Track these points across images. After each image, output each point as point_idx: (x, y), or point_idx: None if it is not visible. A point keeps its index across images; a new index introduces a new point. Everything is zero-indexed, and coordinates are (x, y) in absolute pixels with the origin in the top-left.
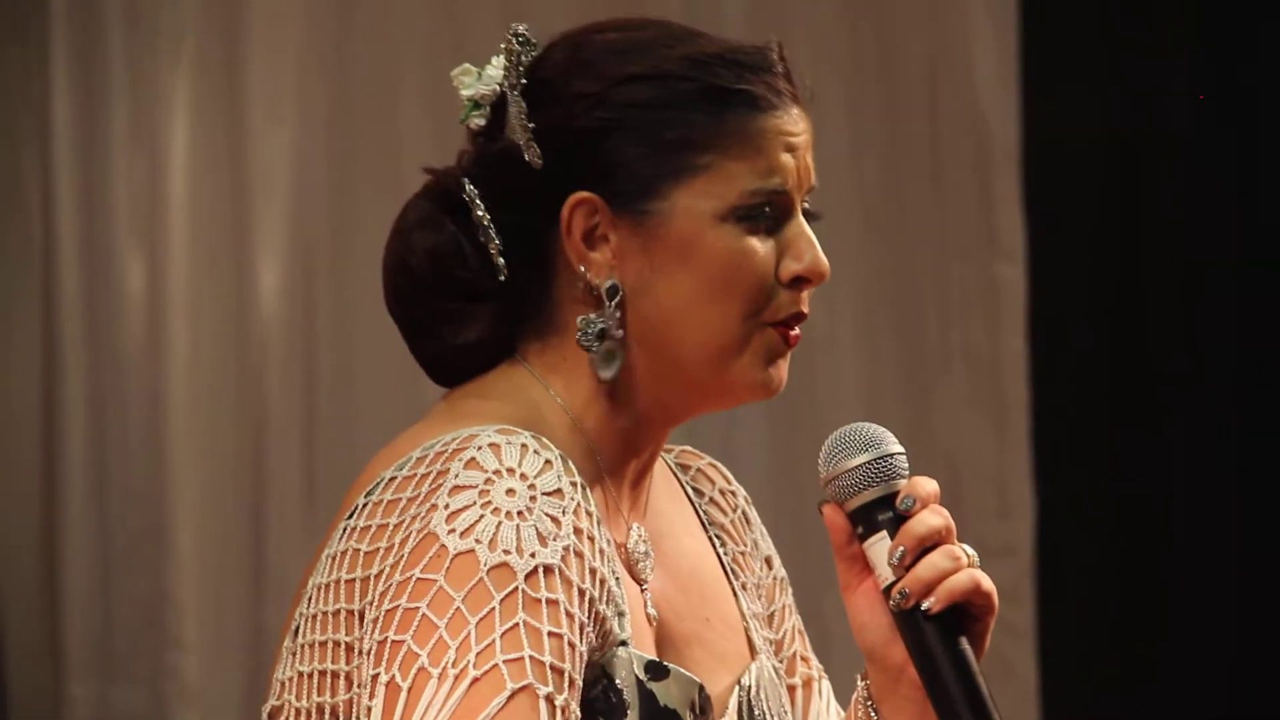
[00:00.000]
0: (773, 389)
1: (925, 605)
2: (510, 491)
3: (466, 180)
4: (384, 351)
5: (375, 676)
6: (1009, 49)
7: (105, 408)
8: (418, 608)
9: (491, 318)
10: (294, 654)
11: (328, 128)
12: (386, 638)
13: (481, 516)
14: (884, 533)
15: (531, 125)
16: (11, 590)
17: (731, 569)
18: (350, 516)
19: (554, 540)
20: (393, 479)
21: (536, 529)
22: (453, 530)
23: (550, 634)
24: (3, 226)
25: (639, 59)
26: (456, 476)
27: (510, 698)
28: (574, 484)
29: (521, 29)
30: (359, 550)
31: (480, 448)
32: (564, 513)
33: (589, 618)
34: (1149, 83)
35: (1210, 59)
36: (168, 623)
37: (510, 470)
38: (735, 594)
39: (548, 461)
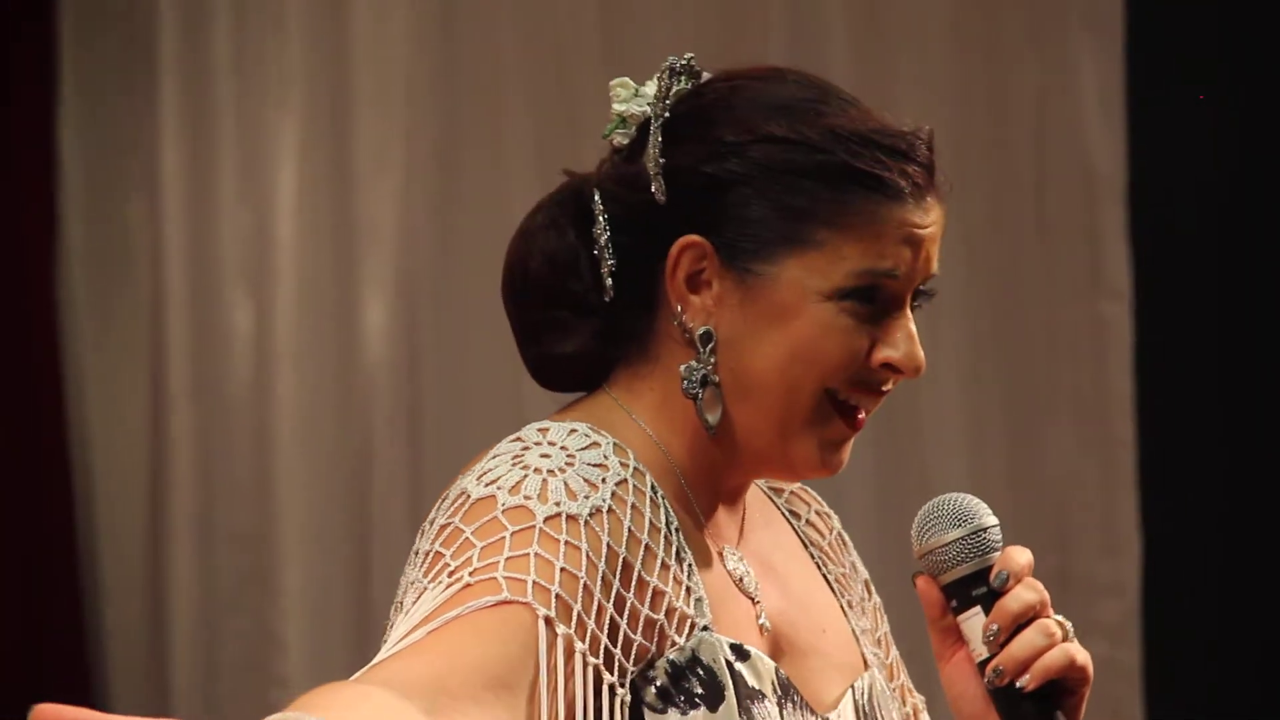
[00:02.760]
0: (831, 469)
1: (1020, 683)
2: (546, 455)
3: (597, 192)
4: (488, 392)
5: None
6: (1115, 84)
7: (212, 450)
8: (433, 549)
9: (591, 334)
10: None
11: (432, 172)
12: (413, 579)
13: (509, 469)
14: (978, 608)
15: (663, 160)
16: (120, 630)
17: (836, 586)
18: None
19: (584, 498)
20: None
21: (566, 484)
22: (485, 481)
23: (564, 570)
24: (113, 274)
25: (784, 119)
26: (498, 448)
27: (501, 603)
28: (625, 464)
29: (685, 59)
30: (423, 536)
31: (528, 430)
32: (604, 481)
33: (623, 580)
34: (1255, 116)
35: None
36: (272, 663)
37: (553, 444)
38: (844, 610)
39: (594, 443)
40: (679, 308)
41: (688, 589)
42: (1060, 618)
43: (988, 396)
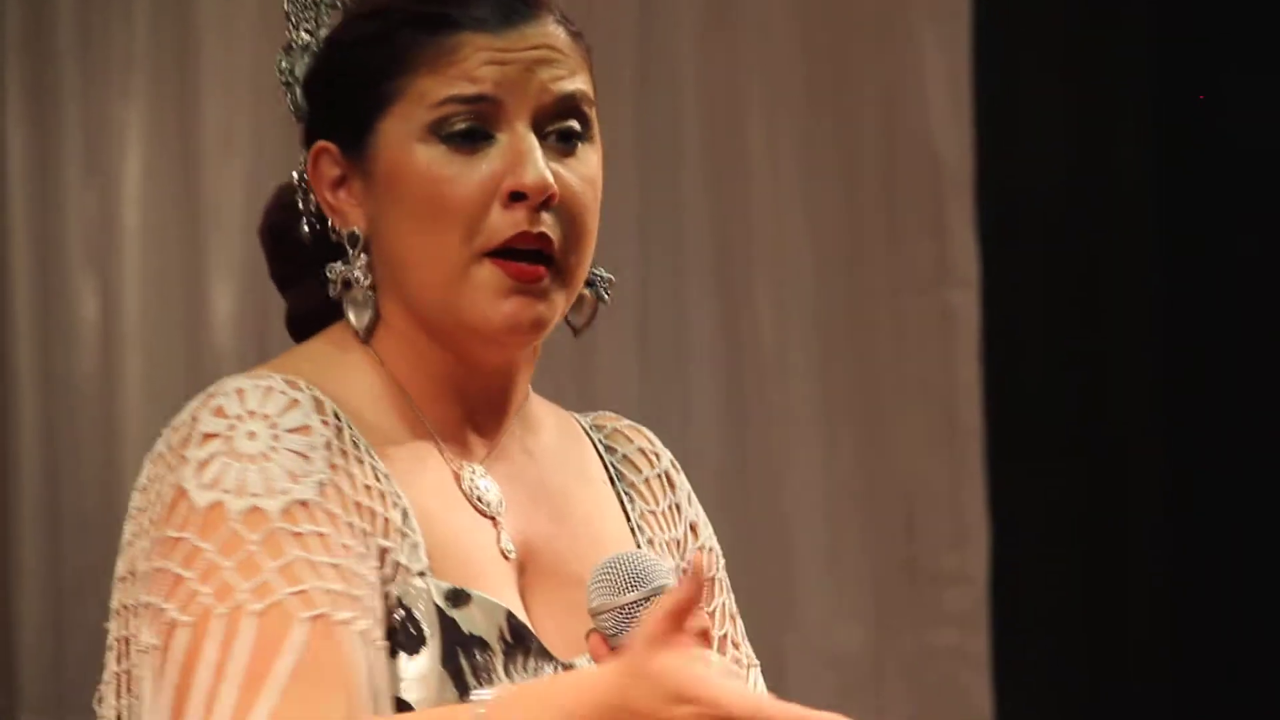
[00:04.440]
0: (502, 326)
1: None
2: (252, 435)
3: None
4: None
5: (152, 645)
6: (962, 75)
7: (58, 437)
8: (164, 566)
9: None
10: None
11: (281, 156)
12: (150, 602)
13: (227, 465)
14: None
15: (288, 82)
16: None
17: (638, 524)
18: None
19: (305, 477)
20: (165, 431)
21: (283, 467)
22: (200, 483)
23: (329, 564)
24: None
25: (363, 3)
26: (203, 424)
27: (307, 623)
28: (324, 421)
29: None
30: (133, 510)
31: (226, 393)
32: (312, 448)
33: (366, 548)
34: (1102, 112)
35: (1165, 89)
36: None
37: (252, 413)
38: (639, 547)
39: (294, 400)
40: (332, 221)
41: (403, 534)
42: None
43: (836, 386)
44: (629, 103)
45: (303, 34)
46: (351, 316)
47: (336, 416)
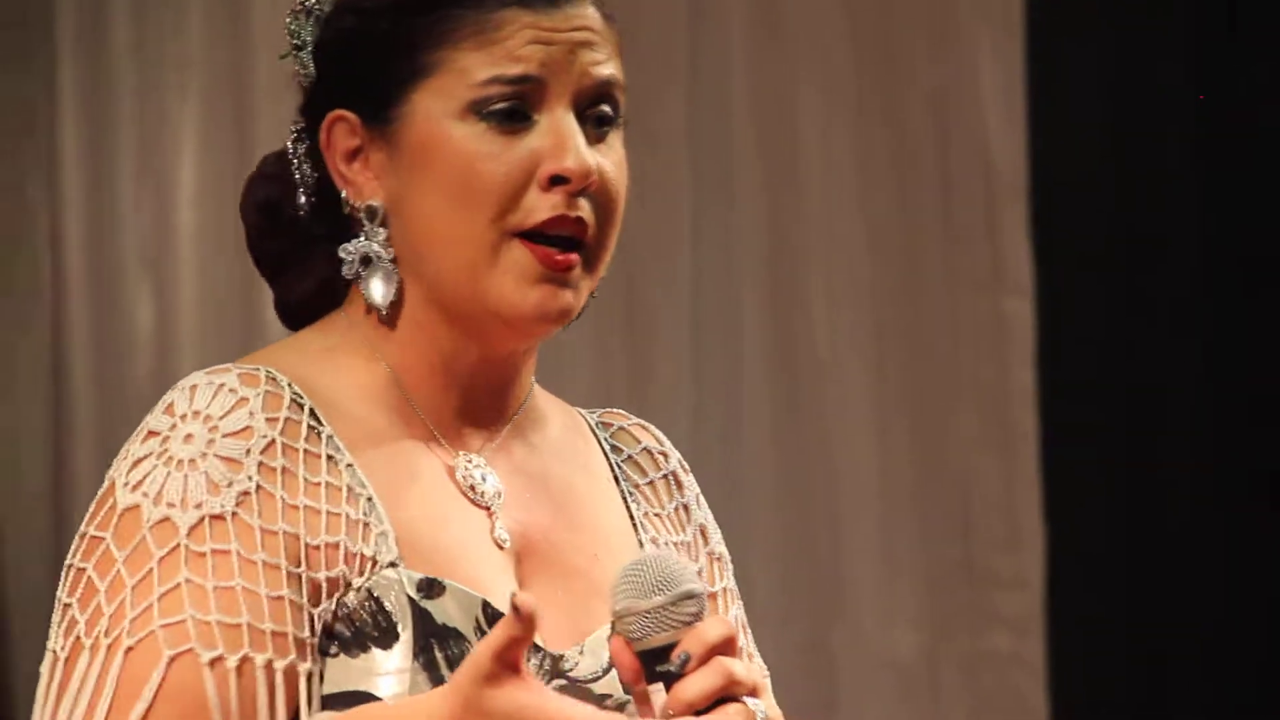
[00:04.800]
0: (530, 314)
1: None
2: (189, 437)
3: (297, 123)
4: None
5: (51, 650)
6: (1015, 80)
7: (113, 442)
8: (85, 568)
9: (325, 262)
10: None
11: None
12: (59, 598)
13: (155, 467)
14: (661, 685)
15: (298, 45)
16: (24, 630)
17: (641, 523)
18: None
19: (228, 486)
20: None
21: (207, 476)
22: (127, 483)
23: (218, 589)
24: (11, 259)
25: None
26: (152, 420)
27: (169, 664)
28: (274, 419)
29: None
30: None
31: (181, 389)
32: (248, 453)
33: (290, 556)
34: (1156, 115)
35: (1218, 92)
36: None
37: (196, 413)
38: (641, 545)
39: (242, 399)
40: (347, 195)
41: (365, 526)
42: (756, 703)
43: (892, 391)
44: (681, 106)
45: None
46: (375, 292)
47: (309, 412)
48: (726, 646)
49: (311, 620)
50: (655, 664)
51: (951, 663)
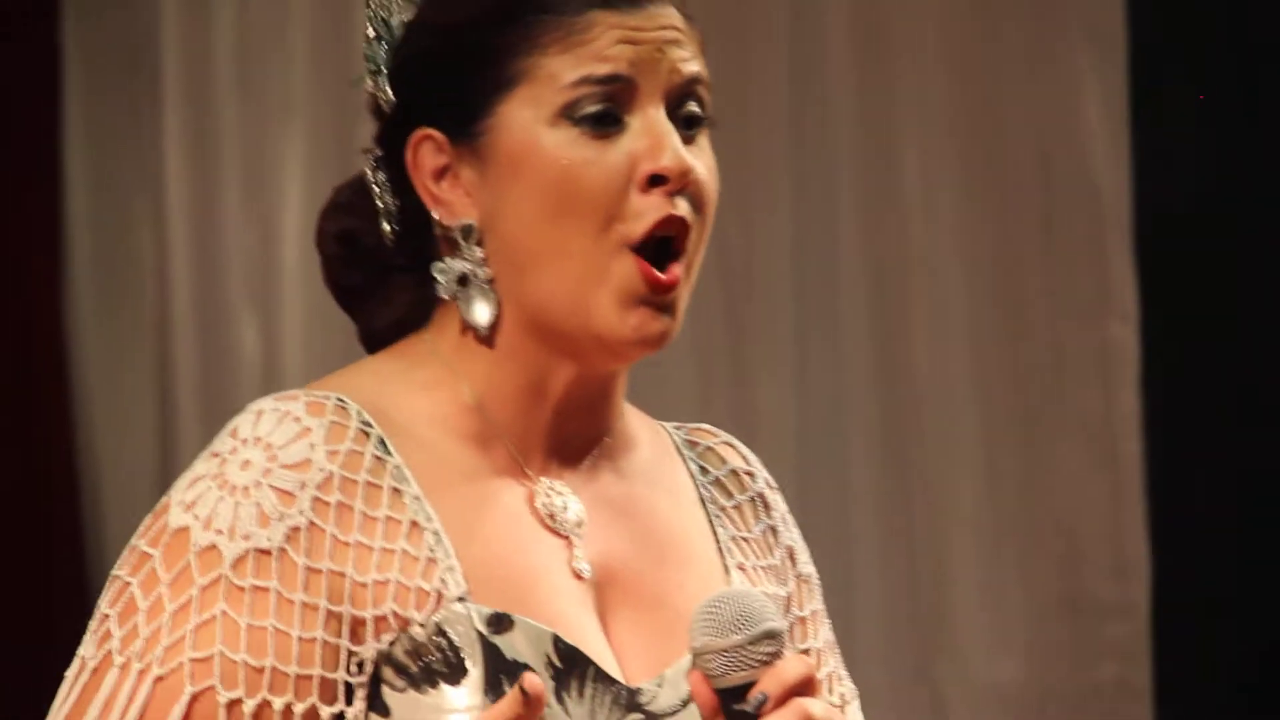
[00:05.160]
0: (629, 337)
1: None
2: (246, 464)
3: (372, 149)
4: None
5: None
6: (1119, 101)
7: None
8: (130, 582)
9: (408, 292)
10: None
11: None
12: (99, 606)
13: (209, 489)
14: None
15: (375, 70)
16: None
17: (727, 547)
18: None
19: (278, 520)
20: None
21: (259, 506)
22: (181, 502)
23: (250, 626)
24: (118, 294)
25: None
26: (217, 441)
27: (191, 702)
28: (335, 453)
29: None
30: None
31: (249, 413)
32: (303, 486)
33: (334, 594)
34: (1262, 133)
35: None
36: None
37: (258, 439)
38: (727, 570)
39: (305, 429)
40: (436, 214)
41: (429, 561)
42: None
43: (997, 417)
44: (784, 136)
45: (384, 21)
46: (478, 312)
47: (378, 441)
48: (805, 686)
49: (349, 659)
50: (733, 702)
51: (1057, 692)
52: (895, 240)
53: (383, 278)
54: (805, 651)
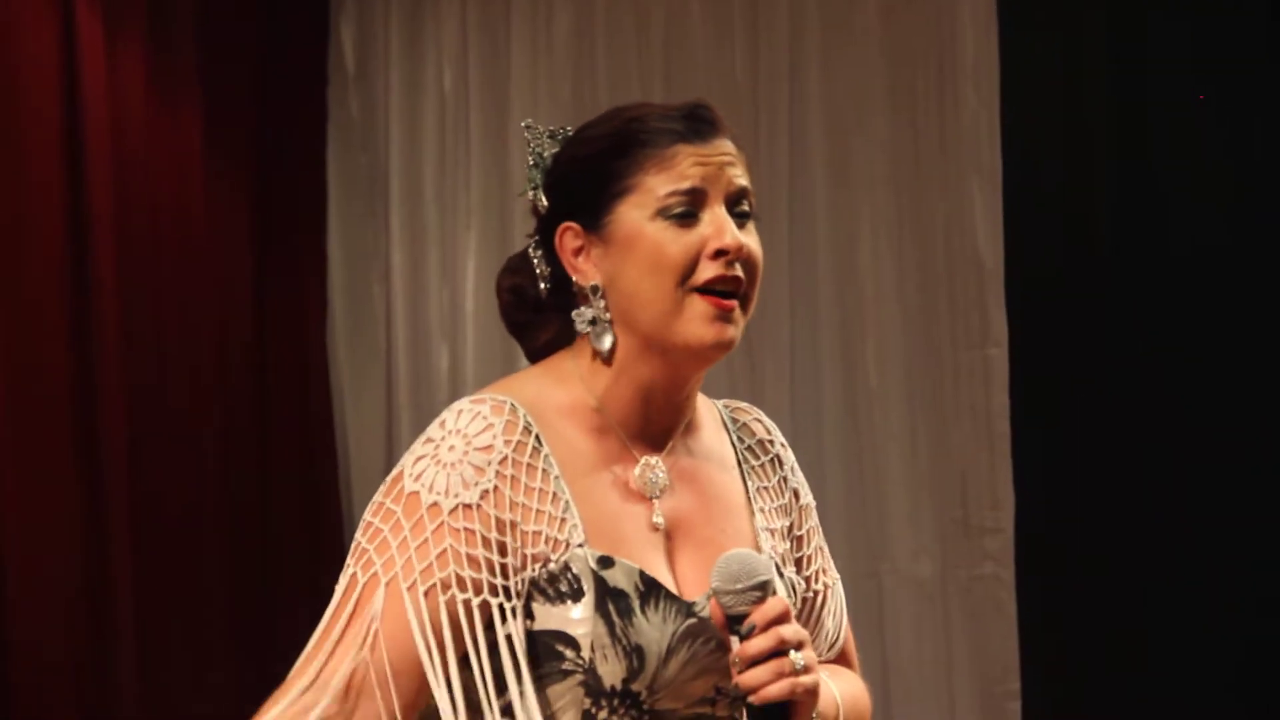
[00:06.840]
0: (711, 342)
1: (749, 699)
2: (452, 448)
3: (532, 235)
4: None
5: (346, 566)
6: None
7: None
8: (382, 528)
9: (556, 324)
10: None
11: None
12: (358, 542)
13: (429, 466)
14: (737, 639)
15: (538, 186)
16: None
17: (754, 496)
18: None
19: (475, 485)
20: None
21: (462, 476)
22: (412, 474)
23: (468, 555)
24: (360, 334)
25: (597, 125)
26: (432, 430)
27: (449, 603)
28: (508, 441)
29: (525, 123)
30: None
31: (453, 411)
32: (489, 463)
33: (512, 535)
34: (1094, 230)
35: None
36: None
37: (458, 431)
38: (752, 514)
39: (489, 425)
40: (576, 279)
41: (562, 520)
42: (798, 655)
43: (918, 407)
44: (784, 226)
45: (539, 154)
46: (604, 343)
47: (535, 436)
48: (781, 618)
49: (511, 574)
50: (734, 625)
51: (955, 583)
52: (855, 294)
53: (538, 317)
54: (808, 553)
